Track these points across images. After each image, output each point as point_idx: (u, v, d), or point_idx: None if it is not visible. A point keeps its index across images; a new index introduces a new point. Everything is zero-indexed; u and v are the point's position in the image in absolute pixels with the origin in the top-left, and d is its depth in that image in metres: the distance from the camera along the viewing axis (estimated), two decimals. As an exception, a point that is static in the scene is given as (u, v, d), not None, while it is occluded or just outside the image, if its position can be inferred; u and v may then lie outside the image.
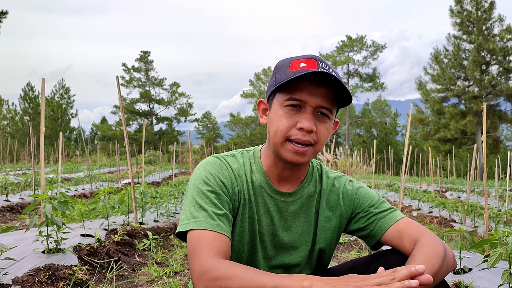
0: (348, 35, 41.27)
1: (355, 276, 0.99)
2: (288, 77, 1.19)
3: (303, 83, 1.20)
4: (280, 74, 1.24)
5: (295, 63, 1.22)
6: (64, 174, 14.70)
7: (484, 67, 30.11)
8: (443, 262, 1.17)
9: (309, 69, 1.19)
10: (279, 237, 1.35)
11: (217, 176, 1.26)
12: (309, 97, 1.20)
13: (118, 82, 4.57)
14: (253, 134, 44.61)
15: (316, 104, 1.20)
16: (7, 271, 2.50)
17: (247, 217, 1.31)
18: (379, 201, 1.38)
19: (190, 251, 1.15)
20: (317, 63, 1.21)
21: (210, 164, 1.30)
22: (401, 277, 0.96)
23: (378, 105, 50.81)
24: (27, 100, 38.87)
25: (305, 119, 1.20)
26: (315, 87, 1.20)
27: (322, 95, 1.20)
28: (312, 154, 1.25)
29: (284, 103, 1.22)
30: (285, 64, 1.25)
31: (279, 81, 1.23)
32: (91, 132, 50.31)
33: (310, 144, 1.22)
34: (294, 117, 1.21)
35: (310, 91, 1.20)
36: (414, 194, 9.90)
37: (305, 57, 1.24)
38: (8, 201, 6.76)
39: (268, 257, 1.36)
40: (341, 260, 3.90)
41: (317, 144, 1.24)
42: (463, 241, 3.94)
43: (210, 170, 1.28)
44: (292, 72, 1.20)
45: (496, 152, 31.34)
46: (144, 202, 4.80)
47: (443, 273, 1.17)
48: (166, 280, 3.04)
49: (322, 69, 1.20)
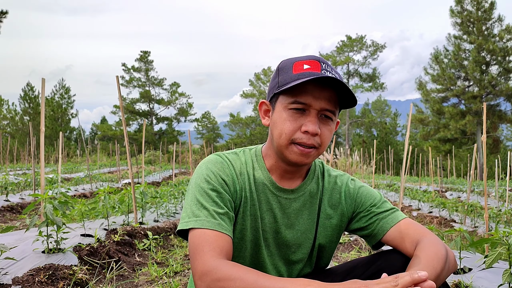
0: (348, 35, 41.30)
1: (358, 282, 0.99)
2: (292, 79, 1.20)
3: (308, 86, 1.20)
4: (283, 76, 1.24)
5: (298, 65, 1.22)
6: (64, 174, 14.70)
7: (484, 67, 30.11)
8: (445, 265, 1.17)
9: (313, 71, 1.19)
10: (282, 235, 1.35)
11: (219, 174, 1.26)
12: (313, 100, 1.20)
13: (118, 82, 4.57)
14: (253, 134, 44.61)
15: (320, 107, 1.21)
16: (7, 271, 2.50)
17: (248, 214, 1.31)
18: (381, 201, 1.38)
19: (192, 250, 1.15)
20: (320, 65, 1.21)
21: (211, 162, 1.30)
22: (403, 283, 0.95)
23: (378, 105, 50.79)
24: (27, 100, 38.87)
25: (310, 122, 1.20)
26: (319, 90, 1.20)
27: (326, 98, 1.21)
28: (316, 155, 1.26)
29: (288, 106, 1.22)
30: (288, 66, 1.24)
31: (282, 83, 1.23)
32: (91, 132, 50.29)
33: (314, 147, 1.23)
34: (298, 120, 1.21)
35: (315, 95, 1.20)
36: (414, 194, 9.90)
37: (308, 58, 1.24)
38: (8, 201, 6.76)
39: (271, 254, 1.36)
40: (341, 260, 3.89)
41: (321, 146, 1.25)
42: (463, 241, 3.94)
43: (212, 168, 1.28)
44: (296, 74, 1.20)
45: (496, 152, 31.35)
46: (144, 202, 4.80)
47: (445, 275, 1.17)
48: (166, 280, 3.04)
49: (326, 71, 1.21)
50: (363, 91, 41.97)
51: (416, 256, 1.18)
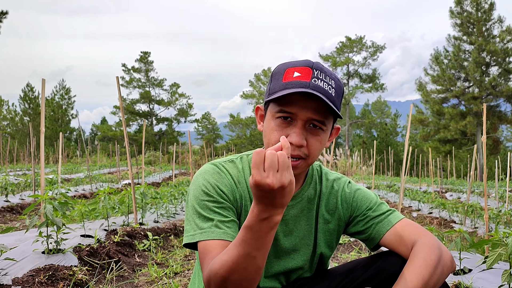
0: (347, 36, 41.31)
1: None
2: (280, 88, 1.18)
3: (294, 96, 1.17)
4: (274, 84, 1.22)
5: (290, 72, 1.20)
6: (64, 175, 14.70)
7: (484, 68, 30.12)
8: (435, 270, 1.17)
9: (302, 80, 1.17)
10: (280, 242, 1.34)
11: (216, 185, 1.25)
12: (299, 110, 1.17)
13: (118, 83, 4.58)
14: (253, 135, 44.61)
15: (306, 117, 1.17)
16: (7, 272, 2.50)
17: None
18: (376, 204, 1.37)
19: (200, 262, 1.17)
20: (312, 72, 1.18)
21: (208, 173, 1.28)
22: None
23: (378, 105, 50.80)
24: (27, 101, 38.87)
25: (294, 133, 1.17)
26: (305, 100, 1.16)
27: (313, 108, 1.17)
28: (304, 167, 1.23)
29: (275, 114, 1.20)
30: (280, 72, 1.22)
31: (272, 91, 1.21)
32: (91, 132, 50.26)
33: (301, 157, 1.20)
34: (285, 130, 1.19)
35: (301, 104, 1.17)
36: (414, 195, 9.89)
37: (301, 64, 1.21)
38: (8, 202, 6.76)
39: (270, 261, 1.35)
40: (341, 261, 3.89)
41: (308, 157, 1.21)
42: (463, 242, 3.94)
43: (209, 180, 1.26)
44: (284, 83, 1.18)
45: (496, 153, 31.34)
46: (144, 203, 4.80)
47: (436, 280, 1.17)
48: (166, 280, 3.04)
49: (317, 79, 1.17)
50: (363, 92, 41.98)
51: (403, 270, 1.18)
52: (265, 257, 1.05)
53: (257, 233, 1.00)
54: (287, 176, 0.95)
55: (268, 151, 0.95)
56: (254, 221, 0.99)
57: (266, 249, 1.04)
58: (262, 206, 0.97)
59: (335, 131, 1.32)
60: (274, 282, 1.37)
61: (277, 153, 0.95)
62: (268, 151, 0.95)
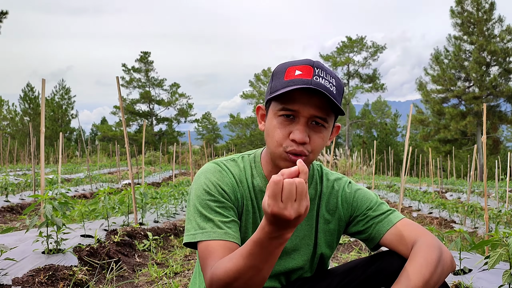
0: (348, 36, 41.31)
1: None
2: (282, 86, 1.18)
3: (296, 93, 1.17)
4: (275, 82, 1.22)
5: (291, 70, 1.20)
6: (64, 175, 14.70)
7: (485, 68, 30.11)
8: (436, 269, 1.17)
9: (303, 78, 1.17)
10: None
11: (218, 184, 1.25)
12: (302, 107, 1.17)
13: (118, 83, 4.58)
14: (253, 135, 44.62)
15: (309, 114, 1.18)
16: (7, 272, 2.50)
17: (250, 222, 1.32)
18: (376, 203, 1.37)
19: (201, 263, 1.17)
20: (313, 70, 1.18)
21: (210, 171, 1.29)
22: None
23: (378, 105, 50.80)
24: (27, 101, 38.86)
25: (297, 130, 1.18)
26: (308, 97, 1.17)
27: (316, 105, 1.17)
28: (307, 163, 1.24)
29: (277, 112, 1.21)
30: (281, 71, 1.23)
31: (273, 90, 1.21)
32: (91, 132, 50.28)
33: (305, 154, 1.21)
34: (287, 128, 1.20)
35: (303, 101, 1.17)
36: (414, 195, 9.89)
37: (302, 63, 1.21)
38: (8, 202, 6.76)
39: None
40: (341, 261, 3.89)
41: (311, 154, 1.22)
42: (463, 242, 3.94)
43: (211, 178, 1.26)
44: (286, 81, 1.19)
45: (496, 153, 31.34)
46: (144, 203, 4.80)
47: (436, 279, 1.17)
48: (166, 281, 3.04)
49: (318, 76, 1.17)
50: (363, 92, 41.96)
51: (404, 268, 1.18)
52: (271, 268, 1.05)
53: (266, 249, 1.00)
54: (304, 204, 0.94)
55: (286, 181, 0.92)
56: (264, 238, 0.98)
57: (273, 262, 1.04)
58: (274, 228, 0.96)
59: (336, 130, 1.32)
60: (275, 282, 1.37)
61: (295, 182, 0.92)
62: (286, 181, 0.92)
